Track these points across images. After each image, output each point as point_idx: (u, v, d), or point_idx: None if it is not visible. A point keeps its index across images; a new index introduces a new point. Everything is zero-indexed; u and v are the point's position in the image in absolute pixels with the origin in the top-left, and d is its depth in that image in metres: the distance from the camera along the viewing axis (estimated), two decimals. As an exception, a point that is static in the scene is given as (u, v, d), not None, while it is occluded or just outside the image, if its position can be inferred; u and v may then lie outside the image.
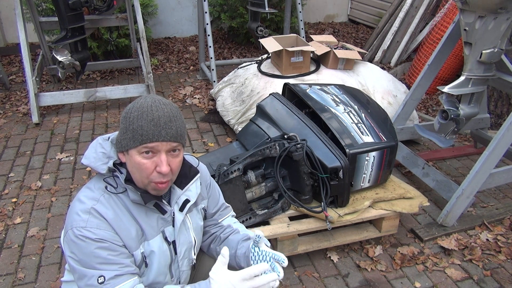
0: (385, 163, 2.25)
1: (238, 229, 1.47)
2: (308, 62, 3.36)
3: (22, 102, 4.10)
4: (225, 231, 1.47)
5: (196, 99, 4.22)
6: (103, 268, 1.14)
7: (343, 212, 2.15)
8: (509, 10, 2.11)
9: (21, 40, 3.59)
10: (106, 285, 1.13)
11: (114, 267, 1.15)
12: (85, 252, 1.13)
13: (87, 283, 1.13)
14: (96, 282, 1.12)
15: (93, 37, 4.74)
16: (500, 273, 2.24)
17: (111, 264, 1.14)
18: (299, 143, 2.03)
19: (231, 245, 1.40)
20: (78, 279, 1.16)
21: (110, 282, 1.13)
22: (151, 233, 1.24)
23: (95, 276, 1.13)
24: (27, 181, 2.92)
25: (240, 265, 1.34)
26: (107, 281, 1.13)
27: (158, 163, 1.15)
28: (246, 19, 5.11)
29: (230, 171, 1.95)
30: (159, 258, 1.26)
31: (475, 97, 2.46)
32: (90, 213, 1.16)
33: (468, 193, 2.44)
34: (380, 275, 2.20)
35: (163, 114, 1.14)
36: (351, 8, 7.11)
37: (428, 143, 3.51)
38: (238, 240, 1.39)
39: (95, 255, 1.13)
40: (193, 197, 1.33)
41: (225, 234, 1.46)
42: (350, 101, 2.48)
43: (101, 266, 1.13)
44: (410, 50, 5.13)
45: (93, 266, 1.13)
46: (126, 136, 1.15)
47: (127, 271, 1.17)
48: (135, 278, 1.18)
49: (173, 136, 1.15)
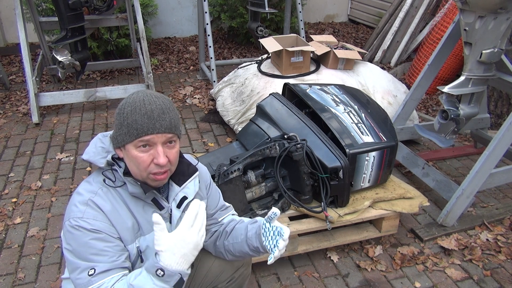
0: (385, 163, 2.25)
1: (243, 219, 1.48)
2: (308, 62, 3.36)
3: (22, 102, 4.10)
4: (229, 225, 1.48)
5: (196, 99, 4.22)
6: (96, 259, 1.14)
7: (343, 212, 2.15)
8: (509, 10, 2.11)
9: (21, 40, 3.59)
10: (95, 277, 1.13)
11: (106, 259, 1.15)
12: (79, 242, 1.15)
13: (78, 276, 1.15)
14: (87, 274, 1.13)
15: (93, 37, 4.74)
16: (500, 273, 2.24)
17: (104, 256, 1.15)
18: (299, 143, 2.03)
19: (239, 232, 1.40)
20: (71, 271, 1.17)
21: (99, 276, 1.14)
22: (147, 228, 1.25)
23: (87, 268, 1.14)
24: (27, 181, 2.92)
25: (253, 245, 1.34)
26: (97, 274, 1.14)
27: (155, 155, 1.16)
28: (246, 19, 5.11)
29: (230, 171, 1.95)
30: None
31: (475, 97, 2.46)
32: (88, 205, 1.17)
33: (468, 193, 2.44)
34: (380, 275, 2.20)
35: (155, 107, 1.15)
36: (351, 8, 7.11)
37: (428, 143, 3.51)
38: (247, 225, 1.40)
39: (89, 246, 1.14)
40: (191, 194, 1.33)
41: (230, 227, 1.46)
42: (350, 101, 2.48)
43: (94, 257, 1.14)
44: (410, 50, 5.13)
45: (86, 257, 1.14)
46: (122, 132, 1.16)
47: (118, 265, 1.17)
48: (126, 272, 1.19)
49: (167, 128, 1.16)
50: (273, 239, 1.26)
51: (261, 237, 1.31)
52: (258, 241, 1.32)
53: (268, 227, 1.29)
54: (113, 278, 1.15)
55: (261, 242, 1.31)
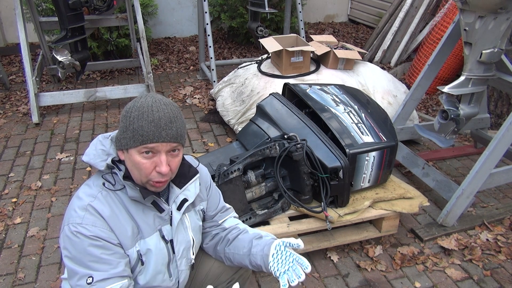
0: (385, 163, 2.25)
1: (246, 229, 1.47)
2: (308, 62, 3.36)
3: (22, 102, 4.10)
4: (231, 232, 1.46)
5: (196, 99, 4.22)
6: (94, 267, 1.14)
7: (343, 212, 2.15)
8: (509, 10, 2.11)
9: (21, 40, 3.59)
10: (93, 286, 1.13)
11: (105, 267, 1.15)
12: (78, 249, 1.14)
13: (77, 283, 1.15)
14: (85, 282, 1.13)
15: (93, 37, 4.74)
16: (500, 273, 2.24)
17: (103, 263, 1.15)
18: (299, 143, 2.03)
19: (242, 244, 1.39)
20: (69, 277, 1.17)
21: (97, 284, 1.14)
22: (147, 231, 1.25)
23: (85, 276, 1.14)
24: (27, 181, 2.92)
25: (256, 262, 1.33)
26: (95, 283, 1.13)
27: (158, 163, 1.16)
28: (246, 19, 5.11)
29: (230, 171, 1.95)
30: (156, 256, 1.26)
31: (475, 97, 2.46)
32: (87, 210, 1.16)
33: (468, 193, 2.44)
34: (380, 275, 2.20)
35: (163, 115, 1.14)
36: (351, 8, 7.11)
37: (428, 143, 3.51)
38: (251, 239, 1.39)
39: (88, 253, 1.14)
40: (191, 196, 1.33)
41: (232, 235, 1.45)
42: (350, 101, 2.48)
43: (92, 265, 1.14)
44: (410, 50, 5.13)
45: (84, 264, 1.14)
46: (126, 136, 1.15)
47: (117, 273, 1.17)
48: (125, 281, 1.18)
49: (173, 137, 1.15)
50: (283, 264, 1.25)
51: (268, 258, 1.29)
52: (262, 260, 1.31)
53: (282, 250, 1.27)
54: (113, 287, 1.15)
55: (265, 263, 1.29)
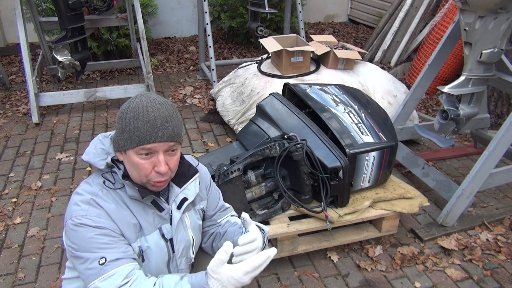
0: (385, 163, 2.25)
1: (236, 221, 1.48)
2: (308, 62, 3.36)
3: (22, 102, 4.10)
4: (224, 226, 1.48)
5: (196, 99, 4.22)
6: (104, 251, 1.14)
7: (343, 212, 2.15)
8: (509, 10, 2.11)
9: (21, 40, 3.59)
10: (107, 266, 1.13)
11: (114, 250, 1.15)
12: (84, 238, 1.14)
13: (89, 266, 1.13)
14: (97, 264, 1.13)
15: (93, 37, 4.74)
16: (500, 273, 2.24)
17: (112, 248, 1.15)
18: (299, 143, 2.03)
19: (229, 235, 1.40)
20: (79, 264, 1.16)
21: (110, 264, 1.13)
22: (148, 229, 1.25)
23: (97, 258, 1.13)
24: (27, 181, 2.92)
25: None
26: (108, 263, 1.13)
27: (156, 163, 1.16)
28: (246, 19, 5.11)
29: (230, 171, 1.95)
30: (156, 254, 1.27)
31: (475, 97, 2.46)
32: (90, 204, 1.17)
33: (468, 193, 2.44)
34: (380, 275, 2.20)
35: (159, 115, 1.14)
36: (351, 8, 7.11)
37: (428, 143, 3.51)
38: (235, 230, 1.40)
39: (95, 241, 1.14)
40: (191, 195, 1.33)
41: (223, 229, 1.46)
42: (350, 101, 2.48)
43: (101, 250, 1.14)
44: (410, 50, 5.13)
45: (93, 250, 1.14)
46: (123, 137, 1.16)
47: (128, 255, 1.17)
48: (136, 263, 1.19)
49: (170, 136, 1.16)
50: None
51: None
52: None
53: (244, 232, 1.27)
54: (125, 269, 1.14)
55: None
